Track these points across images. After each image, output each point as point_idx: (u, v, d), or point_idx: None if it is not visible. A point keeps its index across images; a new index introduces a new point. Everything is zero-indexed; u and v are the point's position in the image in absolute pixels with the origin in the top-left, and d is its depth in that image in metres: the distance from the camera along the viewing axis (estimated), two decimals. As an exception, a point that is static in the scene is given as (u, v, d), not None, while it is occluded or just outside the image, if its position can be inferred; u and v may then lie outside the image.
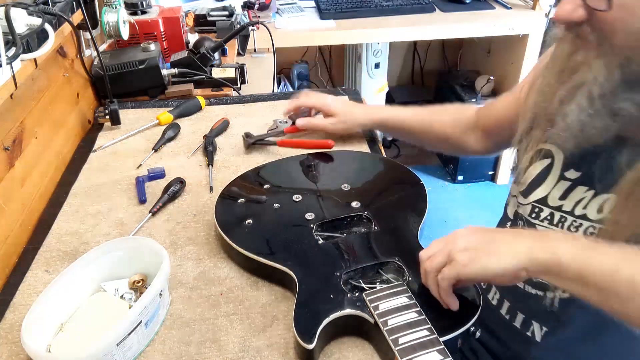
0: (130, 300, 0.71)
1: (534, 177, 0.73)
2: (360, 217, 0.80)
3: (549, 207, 0.71)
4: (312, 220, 0.79)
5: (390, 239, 0.76)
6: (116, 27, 1.23)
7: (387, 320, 0.60)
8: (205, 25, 1.64)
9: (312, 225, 0.78)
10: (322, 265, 0.71)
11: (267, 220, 0.81)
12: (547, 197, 0.71)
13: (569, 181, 0.69)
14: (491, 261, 0.57)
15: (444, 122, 0.98)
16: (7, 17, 0.79)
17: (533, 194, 0.73)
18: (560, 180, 0.70)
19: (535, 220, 0.73)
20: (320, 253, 0.73)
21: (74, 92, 1.15)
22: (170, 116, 1.16)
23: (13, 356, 0.65)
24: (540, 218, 0.73)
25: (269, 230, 0.79)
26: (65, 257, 0.80)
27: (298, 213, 0.81)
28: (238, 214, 0.82)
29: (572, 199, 0.69)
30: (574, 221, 0.68)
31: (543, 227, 0.72)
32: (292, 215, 0.81)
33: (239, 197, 0.86)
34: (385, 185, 0.91)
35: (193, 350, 0.65)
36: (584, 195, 0.67)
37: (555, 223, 0.71)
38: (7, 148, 0.84)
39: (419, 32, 2.00)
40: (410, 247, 0.74)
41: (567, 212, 0.69)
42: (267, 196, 0.86)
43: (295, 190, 0.87)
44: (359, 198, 0.84)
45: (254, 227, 0.79)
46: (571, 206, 0.69)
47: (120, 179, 0.98)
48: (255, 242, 0.76)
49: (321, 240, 0.76)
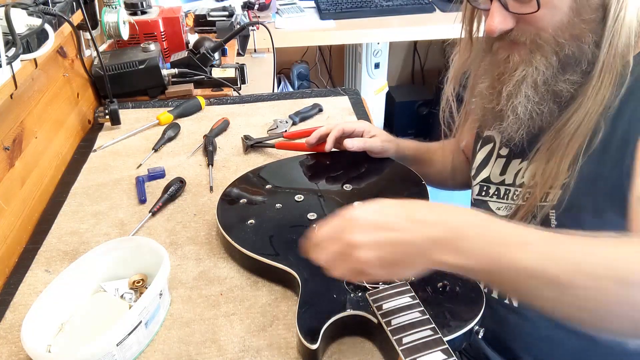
0: (130, 300, 0.71)
1: (480, 161, 0.83)
2: None
3: (493, 183, 0.80)
4: (314, 220, 0.79)
5: None
6: (116, 27, 1.23)
7: (390, 320, 0.59)
8: (205, 26, 1.65)
9: (315, 225, 0.78)
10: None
11: (269, 220, 0.80)
12: (490, 175, 0.80)
13: (503, 158, 0.78)
14: (404, 272, 0.55)
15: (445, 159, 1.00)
16: (7, 17, 0.79)
17: (479, 175, 0.82)
18: (497, 159, 0.80)
19: (486, 197, 0.81)
20: None
21: (74, 92, 1.15)
22: (170, 116, 1.16)
23: (13, 356, 0.65)
24: (490, 194, 0.80)
25: (271, 231, 0.78)
26: (65, 257, 0.80)
27: (300, 213, 0.81)
28: (240, 214, 0.82)
29: (511, 172, 0.77)
30: (516, 190, 0.76)
31: (492, 201, 0.80)
32: (294, 216, 0.81)
33: (241, 197, 0.86)
34: (387, 185, 0.91)
35: (193, 350, 0.65)
36: (520, 167, 0.75)
37: (502, 196, 0.78)
38: (7, 148, 0.84)
39: (419, 32, 2.00)
40: None
41: (509, 185, 0.77)
42: (269, 196, 0.86)
43: (297, 191, 0.87)
44: (360, 198, 0.84)
45: (256, 228, 0.79)
46: (512, 178, 0.77)
47: (120, 179, 0.98)
48: (257, 242, 0.76)
49: None
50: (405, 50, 2.77)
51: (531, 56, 0.65)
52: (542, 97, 0.66)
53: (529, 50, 0.65)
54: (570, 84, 0.64)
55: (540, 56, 0.64)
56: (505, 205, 0.78)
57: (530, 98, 0.66)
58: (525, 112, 0.67)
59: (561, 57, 0.63)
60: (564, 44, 0.62)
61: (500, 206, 0.79)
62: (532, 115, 0.67)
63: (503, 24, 0.64)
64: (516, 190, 0.75)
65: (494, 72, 0.71)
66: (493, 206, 0.80)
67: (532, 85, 0.65)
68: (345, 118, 1.18)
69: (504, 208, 0.78)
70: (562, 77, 0.64)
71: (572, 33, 0.62)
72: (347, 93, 1.29)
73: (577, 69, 0.64)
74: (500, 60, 0.69)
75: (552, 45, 0.63)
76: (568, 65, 0.64)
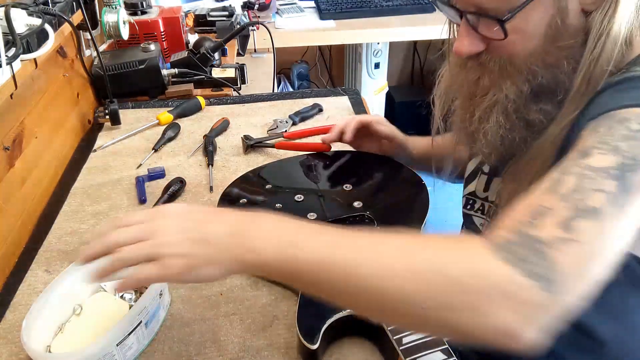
0: (130, 300, 0.71)
1: (470, 172, 0.80)
2: (363, 218, 0.80)
3: (479, 198, 0.78)
4: (314, 220, 0.79)
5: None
6: (116, 27, 1.23)
7: None
8: (205, 26, 1.65)
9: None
10: None
11: None
12: (476, 189, 0.78)
13: (485, 174, 0.76)
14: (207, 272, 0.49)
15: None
16: (7, 17, 0.79)
17: (467, 188, 0.80)
18: (481, 174, 0.77)
19: (470, 211, 0.79)
20: None
21: (74, 92, 1.15)
22: (170, 116, 1.16)
23: (13, 356, 0.65)
24: (475, 209, 0.78)
25: None
26: (65, 257, 0.80)
27: (300, 213, 0.81)
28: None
29: (493, 189, 0.74)
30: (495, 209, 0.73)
31: (477, 216, 0.78)
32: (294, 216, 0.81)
33: (240, 197, 0.86)
34: (387, 185, 0.91)
35: (193, 350, 0.65)
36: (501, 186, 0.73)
37: (485, 212, 0.76)
38: (7, 148, 0.84)
39: (419, 32, 2.00)
40: None
41: (492, 202, 0.74)
42: (269, 196, 0.86)
43: (297, 191, 0.87)
44: (360, 198, 0.84)
45: None
46: (494, 196, 0.74)
47: (120, 179, 0.98)
48: None
49: None
50: (405, 50, 2.77)
51: (501, 82, 0.60)
52: (513, 124, 0.61)
53: (498, 76, 0.60)
54: (543, 113, 0.59)
55: (510, 83, 0.59)
56: (488, 222, 0.76)
57: (502, 124, 0.61)
58: (495, 137, 0.62)
59: (533, 86, 0.58)
60: (537, 72, 0.57)
61: (483, 222, 0.77)
62: (504, 141, 0.62)
63: (471, 46, 0.59)
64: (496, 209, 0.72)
65: (465, 92, 0.66)
66: (477, 221, 0.78)
67: (503, 111, 0.61)
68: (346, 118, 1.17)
69: (487, 225, 0.76)
70: (535, 106, 0.60)
71: (546, 61, 0.57)
72: (347, 93, 1.29)
73: (552, 98, 0.59)
74: (471, 81, 0.64)
75: (524, 73, 0.58)
76: (542, 94, 0.59)
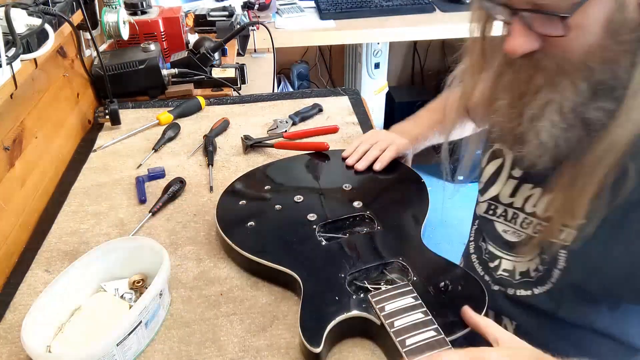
0: (130, 300, 0.71)
1: (489, 176, 0.78)
2: (363, 217, 0.80)
3: (502, 204, 0.75)
4: (315, 221, 0.79)
5: (394, 238, 0.75)
6: (116, 27, 1.23)
7: (393, 321, 0.59)
8: (205, 26, 1.65)
9: (315, 226, 0.77)
10: (326, 267, 0.70)
11: (270, 221, 0.80)
12: (499, 194, 0.75)
13: (515, 179, 0.73)
14: None
15: None
16: (7, 17, 0.79)
17: (488, 192, 0.78)
18: (509, 179, 0.74)
19: (493, 217, 0.77)
20: (323, 254, 0.73)
21: (74, 92, 1.15)
22: (170, 116, 1.16)
23: (13, 356, 0.65)
24: (497, 215, 0.77)
25: (271, 232, 0.78)
26: (65, 257, 0.80)
27: (300, 214, 0.81)
28: (239, 215, 0.82)
29: (521, 195, 0.72)
30: (525, 218, 0.71)
31: (500, 222, 0.76)
32: (294, 217, 0.81)
33: (241, 198, 0.86)
34: (386, 184, 0.90)
35: (193, 350, 0.65)
36: (531, 193, 0.70)
37: (509, 219, 0.74)
38: (7, 148, 0.84)
39: (419, 32, 2.00)
40: (413, 246, 0.73)
41: (518, 209, 0.73)
42: (269, 197, 0.86)
43: (297, 191, 0.87)
44: (360, 197, 0.83)
45: (256, 229, 0.79)
46: (521, 203, 0.72)
47: (120, 179, 0.98)
48: (257, 244, 0.76)
49: (324, 241, 0.75)
50: (405, 50, 2.77)
51: (557, 81, 0.57)
52: (570, 124, 0.57)
53: (554, 74, 0.57)
54: (603, 111, 0.56)
55: (567, 82, 0.56)
56: (512, 230, 0.74)
57: (556, 124, 0.58)
58: (550, 137, 0.58)
59: (592, 83, 0.55)
60: (595, 69, 0.54)
61: (506, 229, 0.75)
62: (558, 142, 0.59)
63: (526, 45, 0.56)
64: (526, 218, 0.71)
65: (514, 91, 0.62)
66: (499, 228, 0.76)
67: (558, 111, 0.57)
68: (345, 118, 1.18)
69: (512, 233, 0.74)
70: (594, 104, 0.56)
71: (605, 57, 0.54)
72: (347, 93, 1.29)
73: (611, 95, 0.55)
74: (522, 80, 0.60)
75: (581, 70, 0.55)
76: (600, 92, 0.56)
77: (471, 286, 0.65)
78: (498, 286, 0.77)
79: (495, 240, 0.77)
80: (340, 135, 1.11)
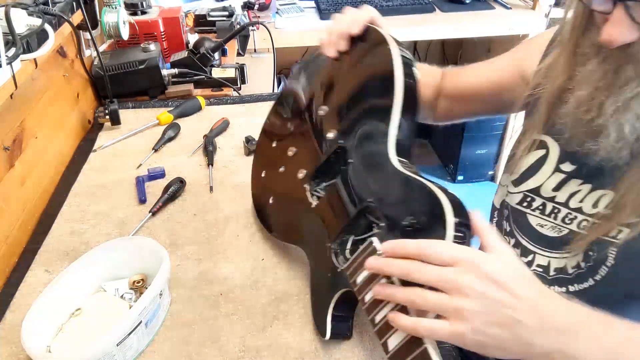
0: (130, 300, 0.71)
1: (528, 167, 0.74)
2: (337, 152, 0.65)
3: (541, 197, 0.73)
4: (303, 179, 0.69)
5: (364, 169, 0.60)
6: (116, 27, 1.23)
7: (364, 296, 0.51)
8: (205, 26, 1.65)
9: (306, 185, 0.68)
10: (317, 239, 0.64)
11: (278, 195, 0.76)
12: (541, 187, 0.72)
13: (564, 174, 0.70)
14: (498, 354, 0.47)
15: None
16: (7, 17, 0.79)
17: (525, 183, 0.74)
18: (555, 172, 0.71)
19: (527, 209, 0.74)
20: (314, 223, 0.65)
21: (74, 92, 1.15)
22: (170, 116, 1.16)
23: (13, 356, 0.65)
24: (532, 207, 0.74)
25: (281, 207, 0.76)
26: (65, 257, 0.80)
27: (293, 175, 0.71)
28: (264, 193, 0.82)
29: (566, 191, 0.69)
30: (568, 213, 0.69)
31: (534, 216, 0.74)
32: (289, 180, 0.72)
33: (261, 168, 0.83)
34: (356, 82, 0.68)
35: (193, 350, 0.65)
36: (579, 189, 0.68)
37: (547, 214, 0.72)
38: (7, 148, 0.84)
39: (419, 32, 2.00)
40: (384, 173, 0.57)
41: (560, 204, 0.70)
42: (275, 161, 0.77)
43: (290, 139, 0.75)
44: (333, 122, 0.66)
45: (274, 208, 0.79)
46: (565, 198, 0.70)
47: (120, 179, 0.98)
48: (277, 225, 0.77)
49: (314, 202, 0.66)
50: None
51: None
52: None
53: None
54: None
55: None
56: (551, 224, 0.71)
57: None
58: (632, 131, 0.57)
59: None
60: None
61: (543, 223, 0.72)
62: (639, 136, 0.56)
63: (626, 35, 0.53)
64: (569, 213, 0.69)
65: (597, 82, 0.60)
66: (533, 221, 0.73)
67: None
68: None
69: (550, 227, 0.72)
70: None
71: None
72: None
73: None
74: (608, 71, 0.58)
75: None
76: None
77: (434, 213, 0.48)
78: None
79: (530, 234, 0.74)
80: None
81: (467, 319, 0.43)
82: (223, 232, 0.84)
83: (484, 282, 0.43)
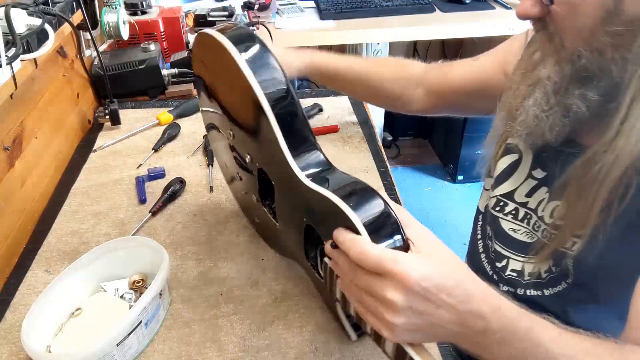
0: (130, 300, 0.71)
1: (501, 171, 0.75)
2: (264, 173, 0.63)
3: (514, 202, 0.73)
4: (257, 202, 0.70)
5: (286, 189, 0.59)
6: (116, 27, 1.23)
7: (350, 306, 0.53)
8: (205, 26, 1.64)
9: (263, 207, 0.70)
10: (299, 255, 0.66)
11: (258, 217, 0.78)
12: (514, 192, 0.73)
13: (536, 180, 0.71)
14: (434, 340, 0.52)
15: (383, 76, 0.94)
16: (7, 17, 0.79)
17: (499, 187, 0.75)
18: (528, 178, 0.72)
19: (499, 213, 0.75)
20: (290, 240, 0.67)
21: (74, 92, 1.15)
22: (170, 116, 1.16)
23: (13, 356, 0.65)
24: (505, 212, 0.74)
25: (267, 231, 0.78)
26: (65, 257, 0.80)
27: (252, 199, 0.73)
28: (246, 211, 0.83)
29: (536, 198, 0.70)
30: (537, 220, 0.70)
31: (507, 220, 0.74)
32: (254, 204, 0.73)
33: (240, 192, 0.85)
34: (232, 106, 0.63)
35: (193, 350, 0.65)
36: (544, 197, 0.69)
37: (520, 219, 0.72)
38: (7, 148, 0.84)
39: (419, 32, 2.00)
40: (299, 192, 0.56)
41: (532, 210, 0.71)
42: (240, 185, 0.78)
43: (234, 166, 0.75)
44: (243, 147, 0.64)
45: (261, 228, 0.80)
46: (535, 204, 0.70)
47: (120, 179, 0.98)
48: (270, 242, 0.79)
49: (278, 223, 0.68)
50: (405, 50, 2.77)
51: (548, 59, 0.58)
52: (551, 108, 0.58)
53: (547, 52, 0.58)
54: (583, 100, 0.56)
55: (554, 62, 0.57)
56: (524, 230, 0.72)
57: (539, 104, 0.59)
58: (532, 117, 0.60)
59: (577, 69, 0.55)
60: (582, 54, 0.54)
61: (516, 228, 0.73)
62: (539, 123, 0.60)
63: (529, 9, 0.56)
64: (537, 221, 0.69)
65: (520, 67, 0.64)
66: (505, 226, 0.74)
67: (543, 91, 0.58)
68: (346, 118, 1.18)
69: (524, 233, 0.72)
70: (576, 90, 0.56)
71: (592, 44, 0.53)
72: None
73: (596, 85, 0.55)
74: (529, 54, 0.63)
75: (569, 53, 0.55)
76: (584, 79, 0.56)
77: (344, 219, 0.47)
78: (507, 287, 0.75)
79: (502, 239, 0.75)
80: (340, 135, 1.11)
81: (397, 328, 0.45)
82: (223, 232, 0.84)
83: (408, 297, 0.43)
